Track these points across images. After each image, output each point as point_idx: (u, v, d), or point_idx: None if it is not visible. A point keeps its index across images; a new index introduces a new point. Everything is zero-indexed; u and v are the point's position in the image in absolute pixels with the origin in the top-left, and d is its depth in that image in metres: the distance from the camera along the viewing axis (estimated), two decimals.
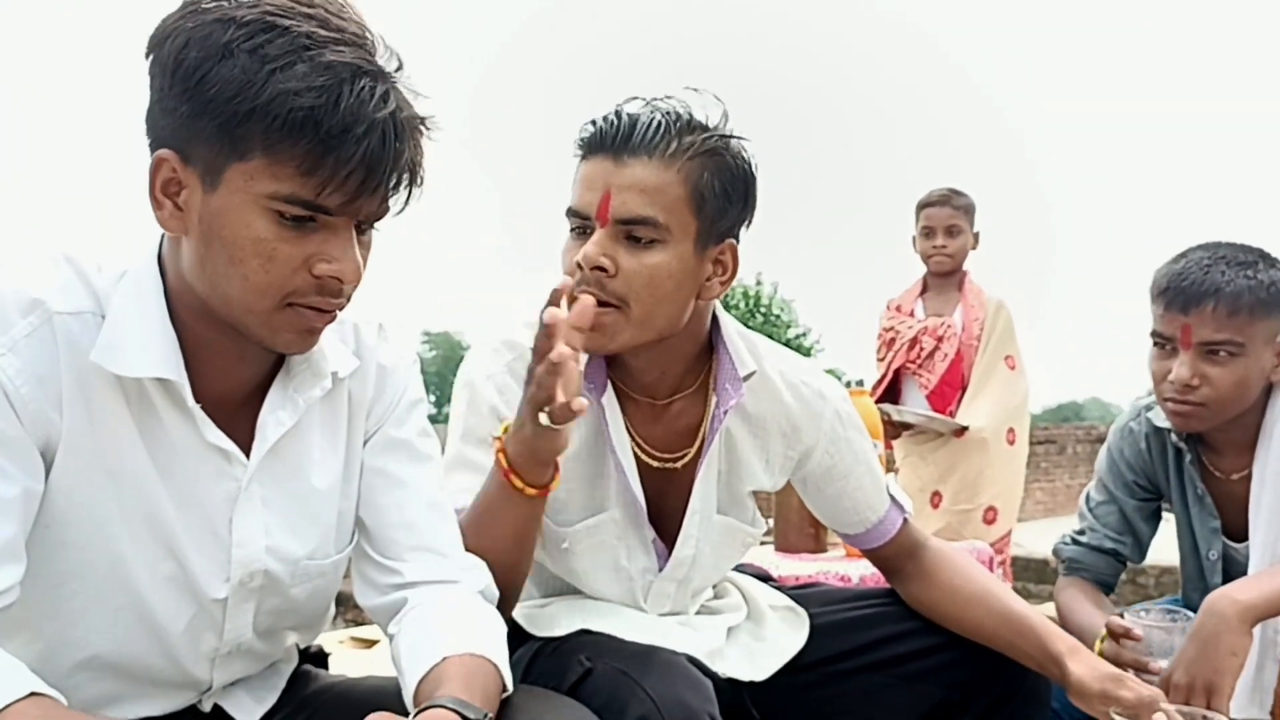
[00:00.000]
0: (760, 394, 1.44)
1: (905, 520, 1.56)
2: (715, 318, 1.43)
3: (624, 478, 1.38)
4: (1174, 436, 1.76)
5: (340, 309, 1.03)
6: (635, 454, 1.41)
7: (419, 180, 1.01)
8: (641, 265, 1.27)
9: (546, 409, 1.14)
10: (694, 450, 1.44)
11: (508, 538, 1.25)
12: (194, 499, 1.06)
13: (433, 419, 1.31)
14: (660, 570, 1.44)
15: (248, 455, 1.08)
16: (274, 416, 1.10)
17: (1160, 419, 1.76)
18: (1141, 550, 1.87)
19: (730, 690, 1.42)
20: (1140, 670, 1.46)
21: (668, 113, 1.28)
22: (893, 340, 3.52)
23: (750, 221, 1.37)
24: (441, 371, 60.83)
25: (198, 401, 1.04)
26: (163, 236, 1.04)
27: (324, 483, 1.15)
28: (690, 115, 1.30)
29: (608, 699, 1.14)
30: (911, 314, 3.55)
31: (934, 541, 1.59)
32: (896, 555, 1.56)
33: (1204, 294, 1.56)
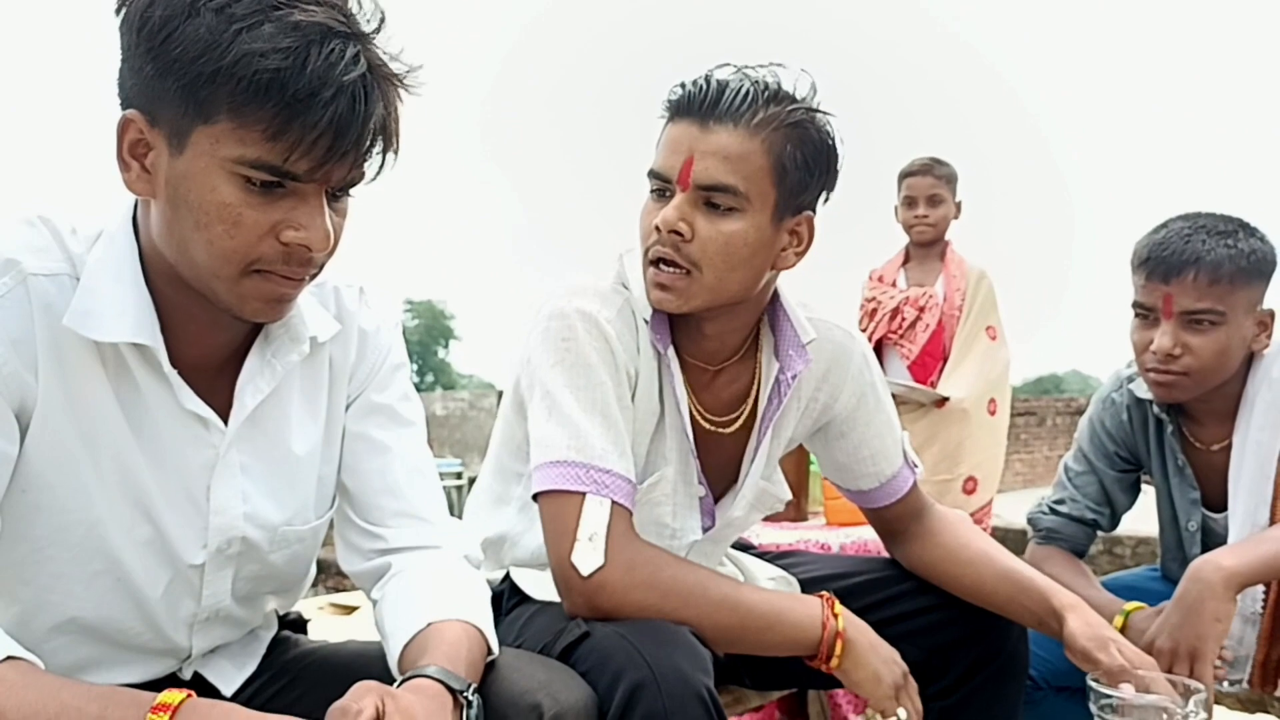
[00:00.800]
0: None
1: (915, 481, 1.57)
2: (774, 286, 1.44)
3: (682, 435, 1.39)
4: (1155, 408, 1.77)
5: (311, 277, 1.01)
6: (691, 414, 1.42)
7: (393, 145, 0.98)
8: (718, 232, 1.27)
9: None
10: (744, 416, 1.45)
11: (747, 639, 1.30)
12: (171, 465, 1.05)
13: (415, 388, 1.29)
14: (706, 531, 1.45)
15: (226, 421, 1.07)
16: (252, 383, 1.08)
17: (1142, 390, 1.76)
18: (1116, 520, 1.89)
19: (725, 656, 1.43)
20: None
21: (756, 81, 1.28)
22: (874, 311, 3.51)
23: (830, 195, 1.37)
24: (424, 340, 60.72)
25: (175, 367, 1.02)
26: (136, 199, 1.02)
27: (303, 448, 1.15)
28: (779, 86, 1.30)
29: (602, 662, 1.14)
30: (894, 284, 3.54)
31: (936, 505, 1.60)
32: (903, 516, 1.56)
33: (1185, 263, 1.57)
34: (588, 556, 1.22)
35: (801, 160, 1.29)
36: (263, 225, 0.95)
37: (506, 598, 1.43)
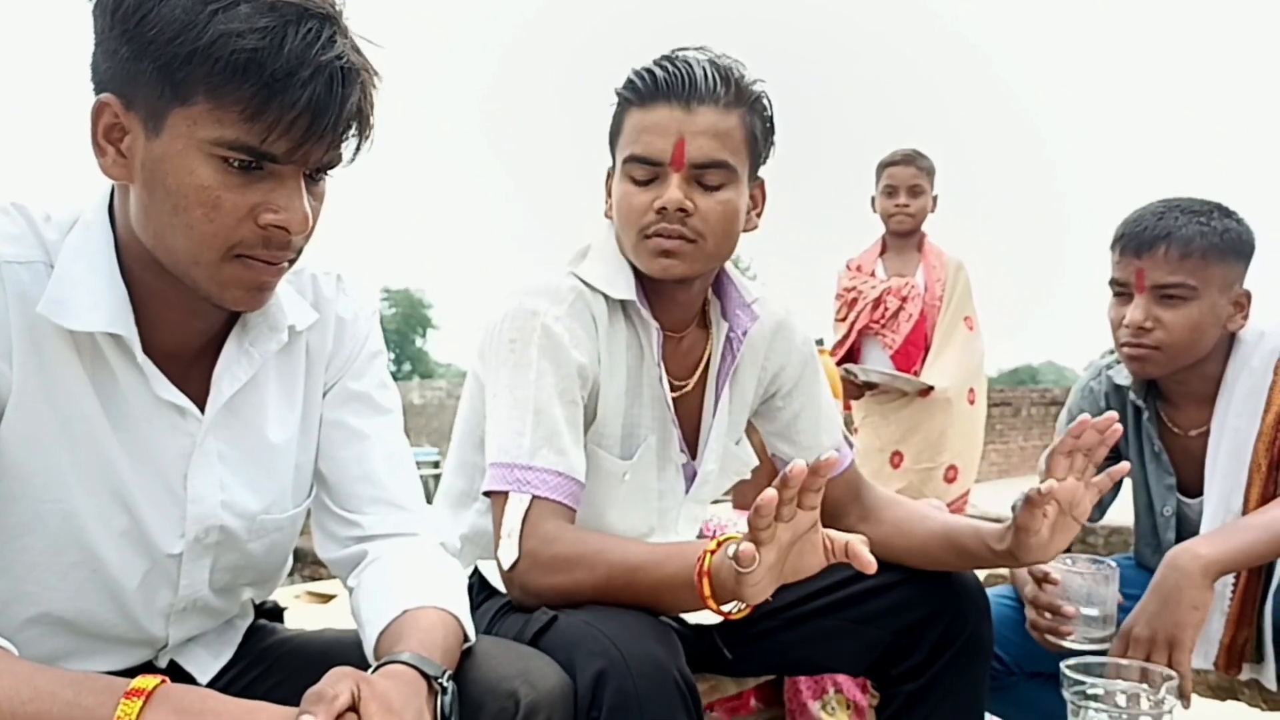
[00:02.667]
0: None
1: (852, 460, 1.63)
2: None
3: (662, 404, 1.47)
4: (1132, 395, 1.78)
5: (290, 262, 1.01)
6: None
7: (368, 128, 0.98)
8: (716, 204, 1.36)
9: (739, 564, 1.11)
10: (696, 377, 1.53)
11: (656, 607, 1.26)
12: (148, 454, 1.04)
13: (393, 376, 1.29)
14: (686, 492, 1.52)
15: (203, 409, 1.07)
16: (229, 371, 1.08)
17: (1120, 377, 1.79)
18: (1101, 509, 1.90)
19: (703, 633, 1.47)
20: (1055, 613, 1.51)
21: (720, 63, 1.36)
22: (855, 300, 3.52)
23: (770, 158, 1.47)
24: (402, 329, 60.45)
25: (151, 355, 1.02)
26: (113, 185, 1.01)
27: (280, 436, 1.14)
28: (735, 65, 1.38)
29: (570, 648, 1.14)
30: (872, 274, 3.55)
31: (872, 484, 1.65)
32: (845, 494, 1.60)
33: (1157, 238, 1.62)
34: (507, 552, 1.28)
35: (763, 130, 1.41)
36: (241, 208, 0.94)
37: (475, 592, 1.44)
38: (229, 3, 0.89)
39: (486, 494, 1.34)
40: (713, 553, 1.16)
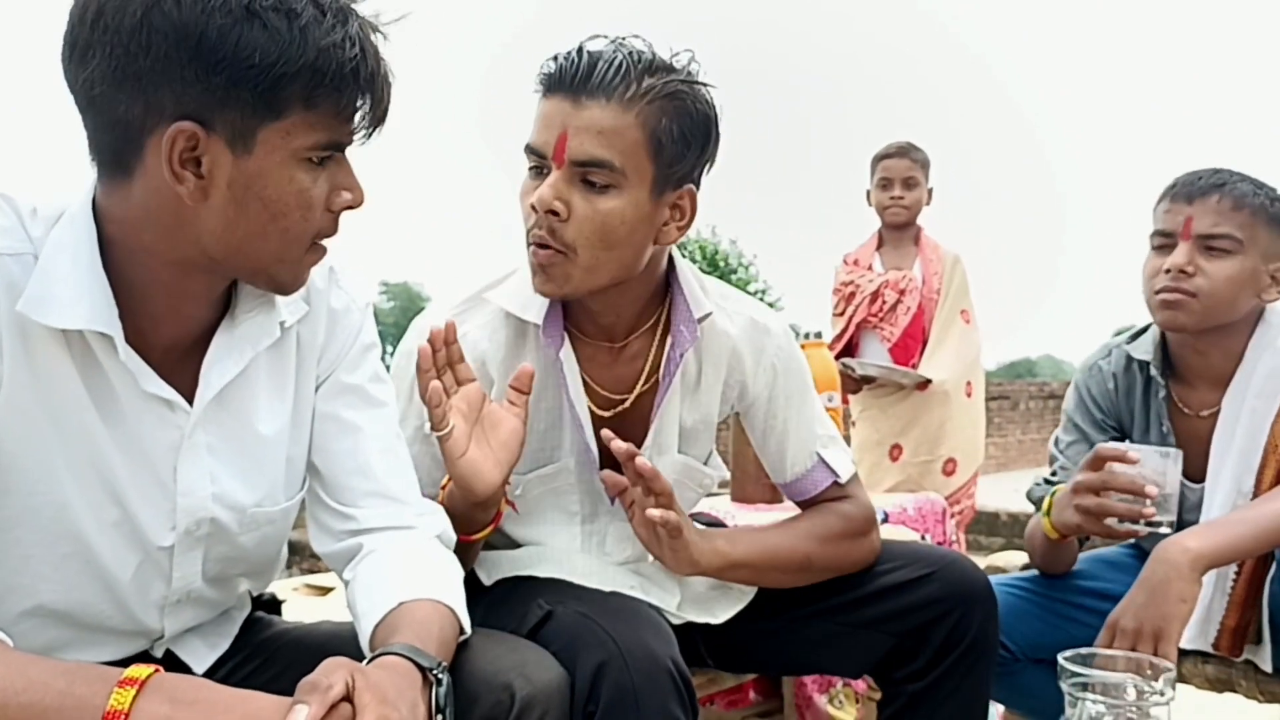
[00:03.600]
0: (711, 329, 1.45)
1: (835, 483, 1.53)
2: (671, 260, 1.43)
3: (579, 430, 1.41)
4: (1152, 368, 1.75)
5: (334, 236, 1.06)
6: (589, 404, 1.42)
7: None
8: (595, 211, 1.26)
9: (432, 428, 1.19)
10: (647, 385, 1.45)
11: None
12: (138, 446, 1.04)
13: (389, 369, 1.30)
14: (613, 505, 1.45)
15: (193, 403, 1.06)
16: (218, 364, 1.08)
17: (1140, 350, 1.77)
18: None
19: (684, 638, 1.43)
20: (1135, 494, 1.49)
21: (630, 53, 1.26)
22: (852, 294, 3.52)
23: (711, 166, 1.35)
24: (400, 323, 60.40)
25: (140, 350, 1.01)
26: (96, 187, 1.00)
27: (271, 429, 1.14)
28: (654, 56, 1.27)
29: (568, 642, 1.14)
30: (869, 268, 3.55)
31: (848, 503, 1.55)
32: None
33: (1212, 186, 1.63)
34: None
35: (678, 133, 1.27)
36: (321, 200, 1.01)
37: (472, 585, 1.44)
38: (310, 15, 0.92)
39: None
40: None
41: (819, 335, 2.61)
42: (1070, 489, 1.59)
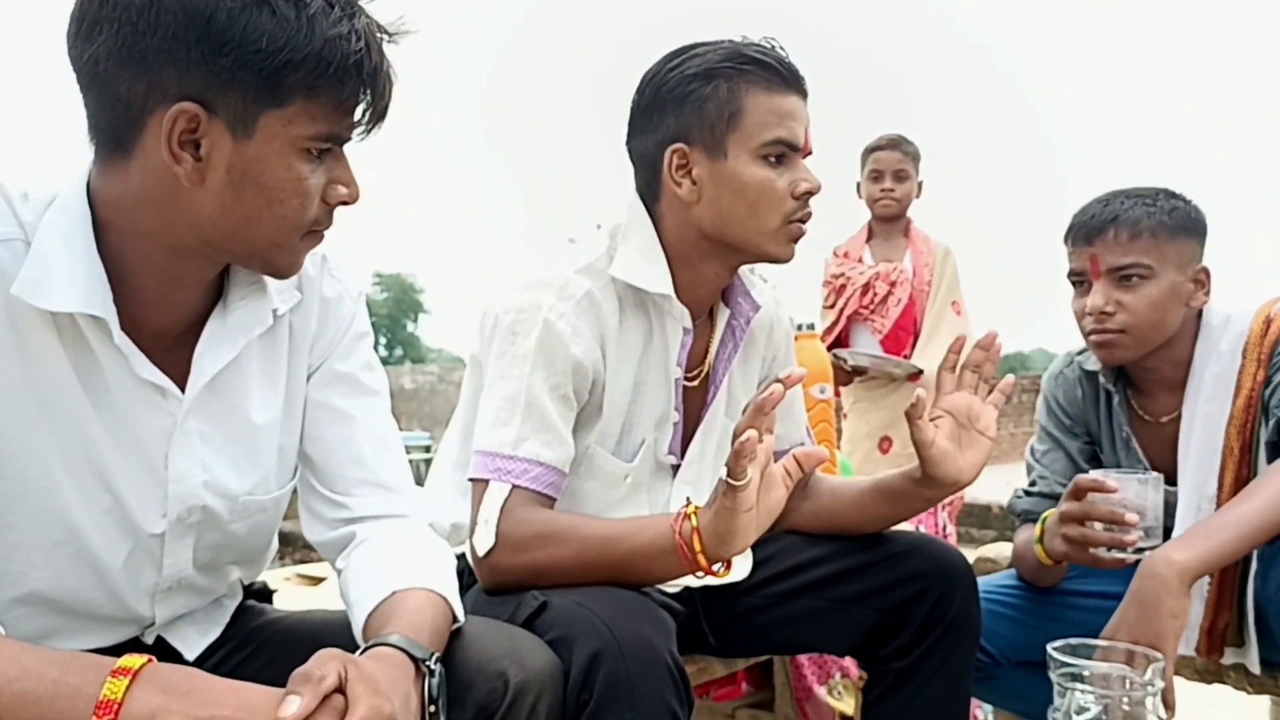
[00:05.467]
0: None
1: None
2: None
3: (662, 402, 1.48)
4: (1102, 378, 1.78)
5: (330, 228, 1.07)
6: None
7: None
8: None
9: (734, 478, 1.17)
10: (704, 368, 1.54)
11: (628, 578, 1.28)
12: (129, 433, 1.04)
13: (384, 361, 1.30)
14: (674, 477, 1.53)
15: (184, 390, 1.06)
16: (211, 351, 1.08)
17: (1090, 363, 1.79)
18: None
19: (688, 604, 1.49)
20: (1115, 523, 1.49)
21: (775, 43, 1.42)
22: (843, 287, 3.52)
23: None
24: (393, 313, 60.36)
25: (132, 335, 1.01)
26: (91, 170, 1.00)
27: (263, 418, 1.14)
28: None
29: (564, 631, 1.15)
30: (860, 260, 3.55)
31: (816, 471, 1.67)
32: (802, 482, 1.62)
33: (1105, 222, 1.64)
34: (483, 538, 1.29)
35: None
36: (318, 190, 1.01)
37: (466, 574, 1.44)
38: (318, 6, 0.93)
39: (471, 480, 1.35)
40: (692, 515, 1.23)
41: (811, 327, 2.61)
42: (1057, 519, 1.59)
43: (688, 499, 1.28)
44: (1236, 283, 1.73)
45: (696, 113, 1.36)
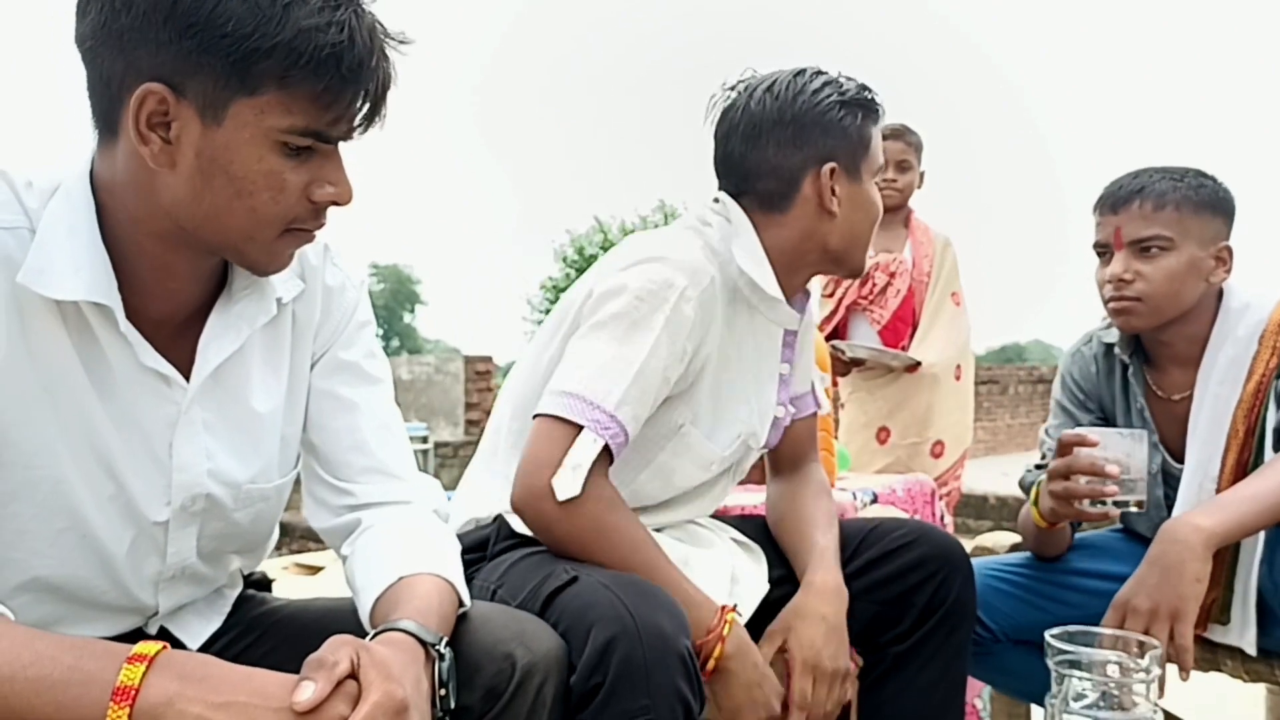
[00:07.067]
0: None
1: (815, 415, 1.74)
2: None
3: (761, 396, 1.57)
4: (1118, 350, 1.81)
5: (322, 228, 1.05)
6: None
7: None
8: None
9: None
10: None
11: None
12: (133, 421, 1.04)
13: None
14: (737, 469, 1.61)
15: (188, 378, 1.07)
16: (215, 341, 1.08)
17: (1111, 336, 1.83)
18: None
19: None
20: (1097, 475, 1.54)
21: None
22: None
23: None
24: (390, 305, 60.28)
25: (136, 323, 1.01)
26: (94, 155, 1.01)
27: (266, 406, 1.14)
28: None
29: (585, 609, 1.16)
30: None
31: (817, 465, 1.74)
32: (790, 453, 1.72)
33: (1132, 193, 1.68)
34: (568, 484, 1.28)
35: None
36: (298, 187, 0.99)
37: (494, 540, 1.45)
38: None
39: (545, 415, 1.33)
40: (724, 627, 1.33)
41: None
42: (1045, 476, 1.63)
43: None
44: (1236, 272, 1.74)
45: (843, 137, 1.48)
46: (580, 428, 1.31)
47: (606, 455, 1.32)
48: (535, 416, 1.35)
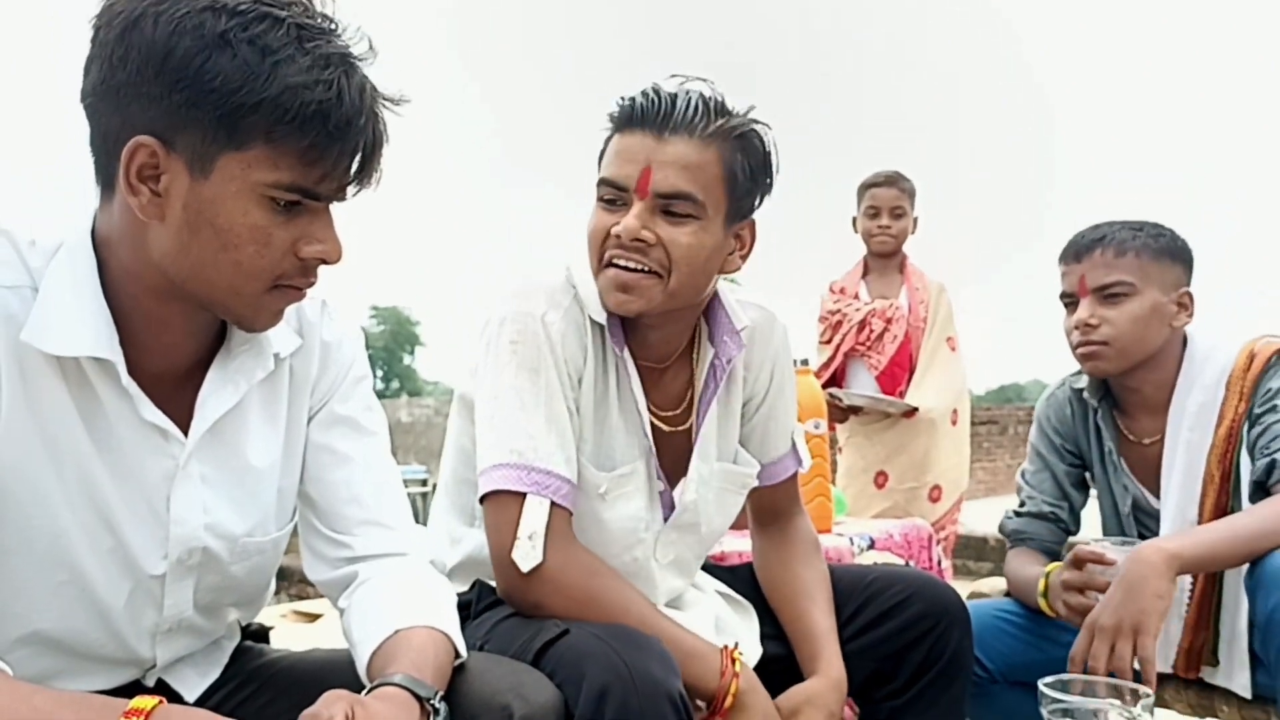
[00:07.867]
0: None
1: (796, 474, 1.64)
2: None
3: (641, 433, 1.45)
4: (1086, 394, 1.86)
5: (313, 286, 1.05)
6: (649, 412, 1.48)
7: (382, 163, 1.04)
8: (679, 238, 1.33)
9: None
10: (688, 410, 1.52)
11: None
12: (132, 475, 1.05)
13: (380, 394, 1.31)
14: (665, 520, 1.49)
15: (186, 433, 1.08)
16: (214, 396, 1.09)
17: (1081, 382, 1.88)
18: (1075, 516, 1.96)
19: None
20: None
21: (704, 95, 1.35)
22: (839, 323, 3.54)
23: (765, 200, 1.44)
24: (389, 347, 60.28)
25: (136, 378, 1.03)
26: (96, 212, 1.03)
27: (263, 461, 1.15)
28: (722, 99, 1.37)
29: (578, 660, 1.16)
30: (855, 296, 3.58)
31: (804, 517, 1.67)
32: (773, 507, 1.65)
33: (1094, 242, 1.75)
34: (527, 554, 1.27)
35: (748, 169, 1.37)
36: (286, 243, 1.00)
37: (475, 604, 1.45)
38: (287, 55, 0.92)
39: (489, 494, 1.32)
40: (735, 665, 1.31)
41: (805, 363, 2.63)
42: (1060, 581, 1.65)
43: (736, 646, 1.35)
44: (1235, 264, 1.77)
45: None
46: (524, 495, 1.30)
47: (562, 512, 1.32)
48: (481, 501, 1.35)
